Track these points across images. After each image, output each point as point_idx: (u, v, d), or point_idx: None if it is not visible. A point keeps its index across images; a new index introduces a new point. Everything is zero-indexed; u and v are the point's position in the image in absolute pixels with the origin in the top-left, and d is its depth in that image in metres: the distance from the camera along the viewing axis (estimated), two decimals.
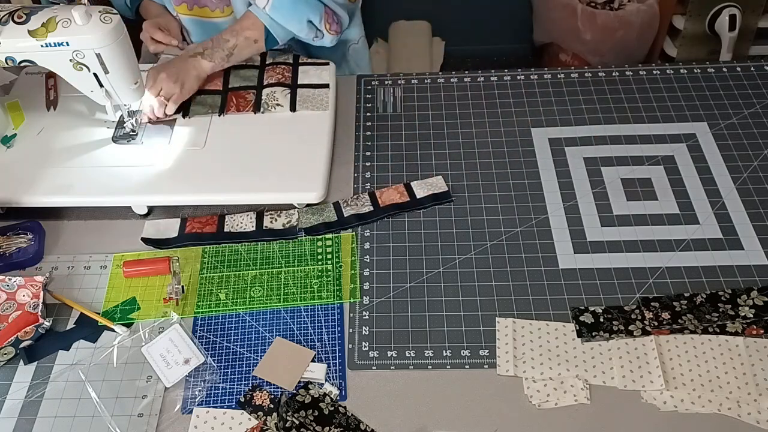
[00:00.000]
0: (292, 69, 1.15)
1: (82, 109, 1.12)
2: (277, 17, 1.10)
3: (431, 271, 0.94)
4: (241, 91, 1.12)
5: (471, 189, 1.04)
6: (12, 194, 0.99)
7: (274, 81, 1.12)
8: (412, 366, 0.84)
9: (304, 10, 1.10)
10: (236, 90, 1.12)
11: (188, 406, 0.82)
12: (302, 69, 1.15)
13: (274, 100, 1.09)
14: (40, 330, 0.88)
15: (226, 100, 1.10)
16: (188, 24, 1.23)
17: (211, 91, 1.12)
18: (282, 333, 0.88)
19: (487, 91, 1.19)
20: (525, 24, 2.20)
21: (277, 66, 1.15)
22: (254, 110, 1.09)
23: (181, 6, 1.20)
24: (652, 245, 0.95)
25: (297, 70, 1.15)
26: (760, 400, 0.79)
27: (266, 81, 1.13)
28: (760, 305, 0.87)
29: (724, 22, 1.77)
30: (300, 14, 1.10)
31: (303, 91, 1.11)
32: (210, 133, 1.06)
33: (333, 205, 1.01)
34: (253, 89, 1.12)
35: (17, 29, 0.89)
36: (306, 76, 1.14)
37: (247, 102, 1.10)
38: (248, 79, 1.14)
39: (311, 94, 1.11)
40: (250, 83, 1.13)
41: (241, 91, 1.12)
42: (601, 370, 0.83)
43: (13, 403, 0.83)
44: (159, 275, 0.94)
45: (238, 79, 1.14)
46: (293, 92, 1.11)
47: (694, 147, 1.07)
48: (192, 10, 1.20)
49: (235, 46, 1.11)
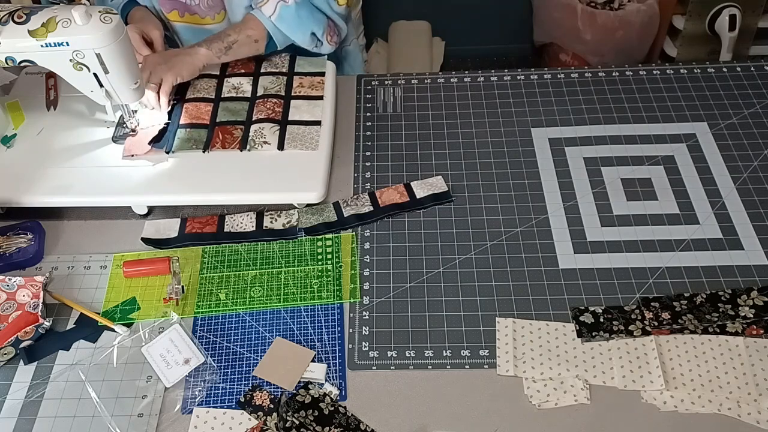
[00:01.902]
0: (283, 104, 1.08)
1: (82, 109, 1.12)
2: (282, 27, 1.12)
3: (431, 271, 0.94)
4: (229, 126, 1.05)
5: (471, 189, 1.04)
6: (12, 194, 0.99)
7: (264, 116, 1.06)
8: (412, 366, 0.84)
9: (309, 23, 1.13)
10: (223, 124, 1.06)
11: (188, 406, 0.82)
12: (294, 104, 1.09)
13: (261, 137, 1.03)
14: (40, 330, 0.88)
15: (212, 136, 1.04)
16: (180, 31, 1.23)
17: (197, 125, 1.06)
18: (282, 333, 0.88)
19: (487, 91, 1.19)
20: (525, 24, 2.20)
21: (267, 100, 1.09)
22: (240, 147, 1.02)
23: (172, 13, 1.20)
24: (652, 245, 0.95)
25: (289, 105, 1.09)
26: (760, 400, 0.79)
27: (255, 116, 1.06)
28: (760, 305, 0.87)
29: (724, 22, 1.77)
30: (305, 27, 1.13)
31: (293, 128, 1.05)
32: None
33: (333, 205, 1.01)
34: (241, 124, 1.06)
35: (17, 29, 0.89)
36: (297, 111, 1.07)
37: (234, 138, 1.03)
38: (237, 113, 1.07)
39: (301, 131, 1.04)
40: (239, 118, 1.07)
41: (228, 126, 1.05)
42: (601, 370, 0.83)
43: (13, 403, 0.83)
44: (159, 275, 0.94)
45: (226, 112, 1.07)
46: (282, 129, 1.05)
47: (694, 147, 1.07)
48: (183, 17, 1.21)
49: (236, 41, 1.11)
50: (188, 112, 1.08)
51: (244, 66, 1.16)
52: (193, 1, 1.18)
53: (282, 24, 1.12)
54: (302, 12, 1.12)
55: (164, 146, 1.03)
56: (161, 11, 1.21)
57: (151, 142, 1.03)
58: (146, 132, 1.05)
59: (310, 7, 1.13)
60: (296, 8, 1.11)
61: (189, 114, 1.07)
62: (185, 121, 1.06)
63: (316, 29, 1.14)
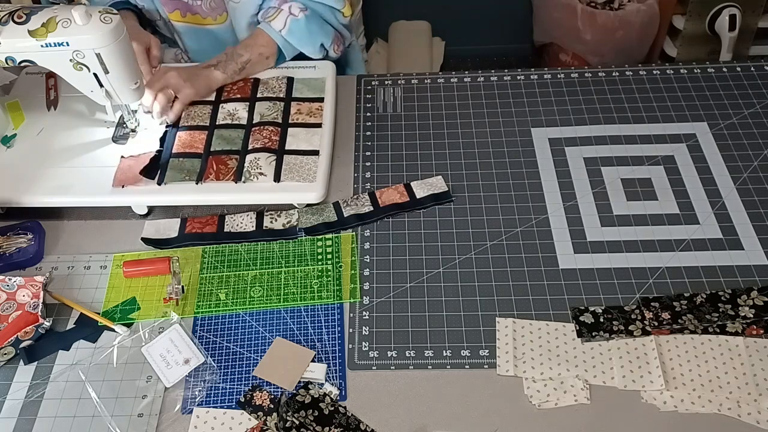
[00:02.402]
0: (280, 132, 1.04)
1: (82, 109, 1.12)
2: (292, 40, 1.14)
3: (431, 271, 0.94)
4: (223, 156, 1.01)
5: (471, 189, 1.04)
6: (12, 194, 0.99)
7: (260, 146, 1.01)
8: (412, 366, 0.84)
9: (318, 35, 1.15)
10: (218, 154, 1.01)
11: (188, 406, 0.82)
12: (291, 132, 1.04)
13: (257, 168, 0.98)
14: (40, 330, 0.88)
15: (206, 167, 0.99)
16: (182, 31, 1.23)
17: (191, 154, 1.02)
18: (282, 333, 0.88)
19: (487, 91, 1.19)
20: (525, 24, 2.20)
21: (264, 127, 1.04)
22: (235, 179, 0.98)
23: (174, 13, 1.20)
24: (652, 245, 0.95)
25: (286, 133, 1.04)
26: (760, 400, 0.79)
27: (251, 145, 1.02)
28: (760, 305, 0.87)
29: (724, 22, 1.77)
30: (315, 39, 1.15)
31: (290, 158, 1.00)
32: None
33: (333, 205, 1.01)
34: (236, 154, 1.01)
35: (17, 29, 0.89)
36: (295, 140, 1.03)
37: (228, 169, 0.99)
38: (232, 142, 1.03)
39: (298, 162, 1.00)
40: (234, 147, 1.02)
41: (222, 156, 1.01)
42: (601, 370, 0.82)
43: (13, 403, 0.83)
44: (159, 275, 0.94)
45: (221, 141, 1.03)
46: (279, 159, 1.00)
47: (694, 147, 1.07)
48: (185, 17, 1.21)
49: (249, 61, 1.12)
50: (181, 140, 1.04)
51: (240, 90, 1.11)
52: (195, 2, 1.18)
53: (292, 38, 1.13)
54: (312, 25, 1.13)
55: (155, 178, 0.99)
56: (162, 11, 1.21)
57: (143, 171, 0.99)
58: (138, 160, 1.01)
59: (319, 20, 1.15)
60: (306, 21, 1.12)
61: (182, 142, 1.03)
62: (178, 149, 1.02)
63: (324, 40, 1.16)
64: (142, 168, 1.00)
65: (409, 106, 1.17)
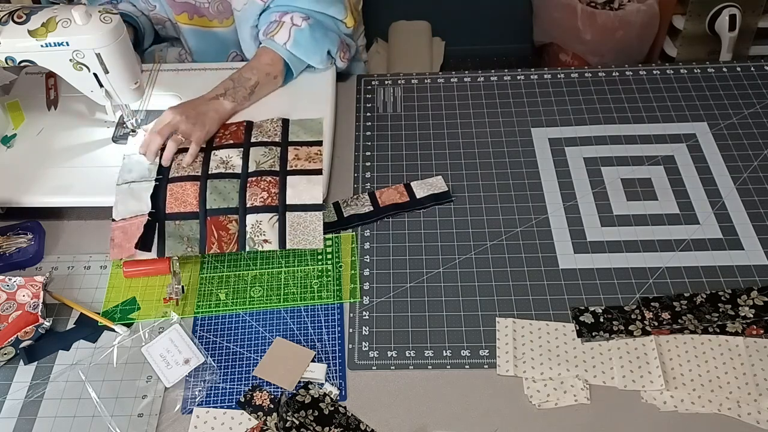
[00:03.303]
0: (279, 182, 0.96)
1: (82, 109, 1.12)
2: (298, 53, 1.11)
3: (431, 271, 0.94)
4: (221, 218, 0.93)
5: (471, 189, 1.04)
6: (12, 194, 0.99)
7: (260, 203, 0.94)
8: (412, 366, 0.84)
9: (324, 42, 1.12)
10: (215, 214, 0.94)
11: (188, 406, 0.82)
12: (290, 182, 0.97)
13: (260, 234, 0.93)
14: (40, 330, 0.88)
15: (206, 234, 0.93)
16: (188, 34, 1.23)
17: (186, 214, 0.94)
18: (282, 333, 0.88)
19: (487, 91, 1.19)
20: (525, 24, 2.20)
21: (261, 179, 0.97)
22: (238, 247, 0.93)
23: (182, 15, 1.20)
24: (652, 245, 0.95)
25: (285, 184, 0.97)
26: (760, 400, 0.79)
27: (249, 200, 0.94)
28: (760, 305, 0.87)
29: (724, 22, 1.77)
30: (321, 47, 1.12)
31: (292, 216, 0.94)
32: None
33: (333, 205, 1.01)
34: (234, 214, 0.94)
35: (17, 29, 0.89)
36: (295, 192, 0.96)
37: (230, 236, 0.93)
38: (227, 197, 0.95)
39: (302, 220, 0.94)
40: (231, 204, 0.94)
41: (220, 217, 0.93)
42: (601, 370, 0.82)
43: (13, 403, 0.83)
44: (159, 275, 0.94)
45: (216, 196, 0.95)
46: (282, 219, 0.94)
47: (694, 147, 1.07)
48: (192, 20, 1.20)
49: (257, 84, 1.09)
50: (173, 194, 0.95)
51: (232, 135, 1.03)
52: (203, 4, 1.18)
53: (298, 49, 1.10)
54: (317, 33, 1.11)
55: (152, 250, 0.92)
56: (170, 13, 1.21)
57: (138, 245, 0.92)
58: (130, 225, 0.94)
59: (322, 28, 1.12)
60: (310, 30, 1.10)
61: (174, 198, 0.95)
62: (172, 206, 0.95)
63: (331, 47, 1.13)
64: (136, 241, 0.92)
65: (409, 106, 1.17)
